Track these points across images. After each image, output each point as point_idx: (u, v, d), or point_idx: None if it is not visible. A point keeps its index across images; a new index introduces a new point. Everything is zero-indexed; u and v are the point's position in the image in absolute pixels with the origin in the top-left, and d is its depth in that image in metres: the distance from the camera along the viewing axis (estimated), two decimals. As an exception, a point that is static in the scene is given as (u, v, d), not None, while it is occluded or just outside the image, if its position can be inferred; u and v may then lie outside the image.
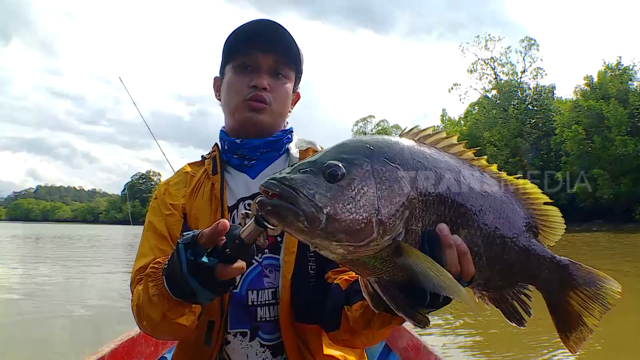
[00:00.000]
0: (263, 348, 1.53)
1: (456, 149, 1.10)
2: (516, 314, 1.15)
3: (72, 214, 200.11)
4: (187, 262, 1.11)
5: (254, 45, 1.58)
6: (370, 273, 1.02)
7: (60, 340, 7.50)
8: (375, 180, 0.94)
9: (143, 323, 1.40)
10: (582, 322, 1.15)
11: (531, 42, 65.39)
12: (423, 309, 1.03)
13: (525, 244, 1.13)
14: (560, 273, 1.16)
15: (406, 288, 1.01)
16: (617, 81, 51.96)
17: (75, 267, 17.20)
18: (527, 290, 1.18)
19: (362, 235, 0.92)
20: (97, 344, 2.59)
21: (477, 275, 1.06)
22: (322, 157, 0.97)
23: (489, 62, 66.89)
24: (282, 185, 0.92)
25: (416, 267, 0.95)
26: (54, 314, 9.04)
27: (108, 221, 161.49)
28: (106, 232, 60.52)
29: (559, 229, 1.17)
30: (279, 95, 1.63)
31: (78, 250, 26.04)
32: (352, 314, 1.34)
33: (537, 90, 63.25)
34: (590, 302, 1.15)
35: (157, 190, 1.72)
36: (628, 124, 48.44)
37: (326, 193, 0.91)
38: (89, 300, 10.41)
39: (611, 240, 24.52)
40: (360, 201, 0.92)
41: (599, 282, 1.15)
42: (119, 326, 7.74)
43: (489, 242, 1.08)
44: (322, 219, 0.90)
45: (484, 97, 66.24)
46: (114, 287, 11.80)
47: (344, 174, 0.93)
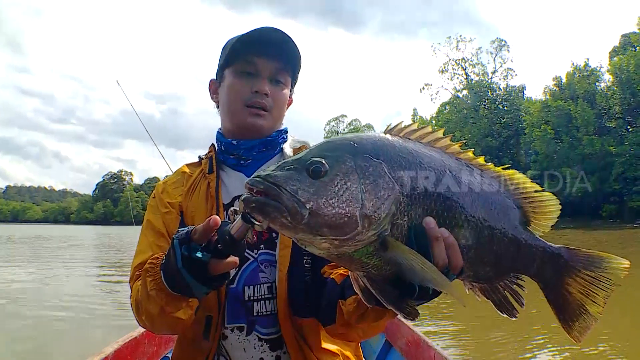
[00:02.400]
0: (261, 342, 1.55)
1: (442, 143, 1.11)
2: (507, 304, 1.14)
3: (43, 215, 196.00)
4: (182, 257, 1.15)
5: (257, 52, 1.61)
6: (358, 268, 1.03)
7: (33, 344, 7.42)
8: (358, 175, 0.96)
9: (142, 317, 1.42)
10: (584, 310, 1.13)
11: (502, 43, 66.61)
12: (412, 301, 1.04)
13: (514, 234, 1.12)
14: (554, 261, 1.15)
15: (395, 281, 1.02)
16: (585, 82, 53.19)
17: (49, 268, 17.02)
18: (520, 280, 1.17)
19: (346, 229, 0.93)
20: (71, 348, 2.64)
21: (466, 267, 1.07)
22: (306, 155, 0.99)
23: (460, 63, 68.04)
24: (266, 182, 0.94)
25: (402, 261, 0.96)
26: (27, 316, 8.97)
27: (79, 221, 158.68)
28: (78, 233, 59.51)
29: (553, 213, 1.16)
30: (278, 101, 1.67)
31: (51, 251, 25.68)
32: (346, 308, 1.36)
33: (508, 91, 64.44)
34: (592, 287, 1.13)
35: (155, 190, 1.76)
36: (595, 124, 49.66)
37: (309, 189, 0.93)
38: (63, 302, 10.31)
39: (579, 237, 25.11)
40: (343, 196, 0.93)
41: (602, 262, 1.13)
42: (93, 331, 7.83)
43: (477, 233, 1.08)
44: (304, 214, 0.91)
45: (455, 97, 67.22)
46: (88, 292, 11.70)
47: (327, 170, 0.95)
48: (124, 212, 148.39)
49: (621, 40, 55.27)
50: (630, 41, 52.90)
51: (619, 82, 49.59)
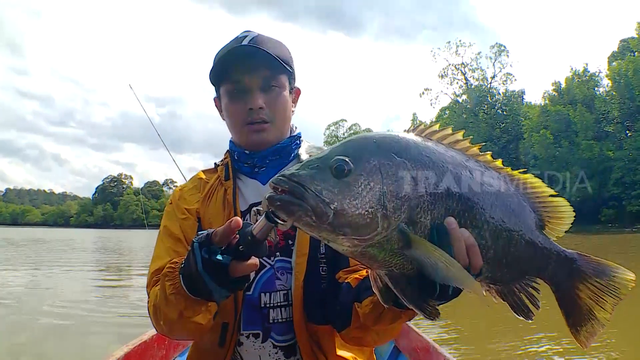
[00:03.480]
0: (276, 349, 1.56)
1: (462, 145, 1.12)
2: (524, 307, 1.14)
3: (42, 218, 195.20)
4: (202, 260, 1.15)
5: (240, 70, 1.59)
6: (380, 266, 1.03)
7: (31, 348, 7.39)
8: (382, 175, 0.97)
9: (160, 323, 1.41)
10: (592, 315, 1.14)
11: (501, 48, 66.81)
12: (433, 301, 1.04)
13: (531, 237, 1.13)
14: (567, 266, 1.16)
15: (416, 280, 1.02)
16: (584, 87, 53.50)
17: (48, 271, 17.01)
18: (535, 283, 1.17)
19: (367, 230, 0.95)
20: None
21: (485, 269, 1.07)
22: (330, 154, 0.99)
23: (459, 68, 68.25)
24: (291, 182, 0.95)
25: (425, 259, 0.96)
26: (25, 320, 8.89)
27: (79, 225, 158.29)
28: (77, 236, 59.25)
29: (567, 219, 1.16)
30: (277, 107, 1.63)
31: (50, 255, 25.61)
32: (362, 310, 1.36)
33: (507, 96, 64.72)
34: (601, 294, 1.13)
35: (172, 196, 1.77)
36: (594, 129, 49.85)
37: (333, 189, 0.94)
38: (62, 307, 10.16)
39: (578, 241, 25.14)
40: (367, 197, 0.94)
41: (610, 272, 1.14)
42: (92, 336, 7.71)
43: (496, 235, 1.08)
44: (329, 214, 0.92)
45: (455, 101, 67.57)
46: (87, 297, 11.62)
47: (350, 169, 0.96)
48: (124, 216, 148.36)
49: (620, 45, 55.48)
50: (629, 46, 53.12)
51: (618, 87, 49.83)
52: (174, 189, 1.86)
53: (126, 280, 15.43)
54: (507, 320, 8.00)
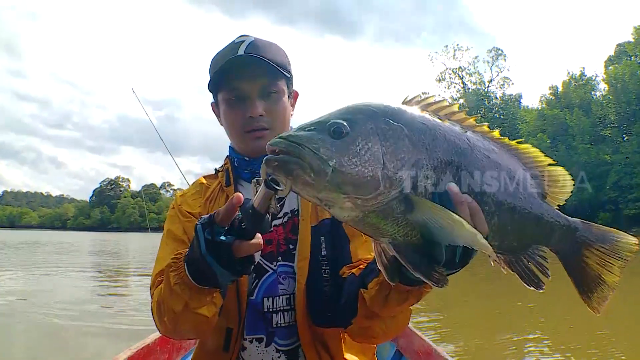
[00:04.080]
0: (279, 354, 1.57)
1: (458, 116, 1.11)
2: (533, 277, 1.14)
3: (40, 220, 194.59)
4: (206, 241, 1.15)
5: (238, 77, 1.59)
6: (384, 234, 1.01)
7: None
8: (379, 137, 0.97)
9: (164, 319, 1.40)
10: (602, 280, 1.15)
11: (498, 52, 67.14)
12: (440, 268, 1.01)
13: (534, 204, 1.13)
14: (572, 233, 1.17)
15: (421, 248, 1.01)
16: (581, 91, 53.68)
17: (46, 274, 17.04)
18: (543, 252, 1.17)
19: (369, 187, 0.94)
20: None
21: (491, 236, 1.06)
22: (327, 117, 1.00)
23: (457, 72, 68.45)
24: (288, 141, 0.95)
25: (430, 220, 0.96)
26: (22, 324, 8.86)
27: (76, 228, 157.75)
28: (75, 239, 59.11)
29: (566, 187, 1.17)
30: (276, 114, 1.64)
31: (48, 257, 25.57)
32: (368, 294, 1.34)
33: (504, 99, 65.02)
34: (608, 258, 1.15)
35: (174, 201, 1.77)
36: (591, 133, 49.99)
37: (331, 147, 0.94)
38: (59, 311, 10.12)
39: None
40: (365, 155, 0.94)
41: (613, 237, 1.16)
42: (90, 341, 7.68)
43: (499, 202, 1.08)
44: (327, 171, 0.92)
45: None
46: (84, 300, 11.56)
47: (348, 131, 0.96)
48: (121, 219, 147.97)
49: (616, 49, 55.66)
50: (625, 50, 53.29)
51: (615, 91, 49.94)
52: (172, 192, 1.92)
53: (123, 284, 15.41)
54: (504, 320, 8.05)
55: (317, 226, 1.60)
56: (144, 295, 11.62)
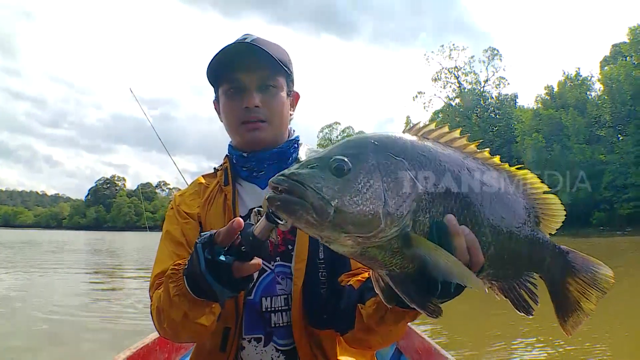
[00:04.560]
0: (278, 353, 1.57)
1: (459, 143, 1.12)
2: (524, 303, 1.16)
3: (35, 220, 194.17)
4: (205, 260, 1.15)
5: (235, 68, 1.60)
6: (381, 266, 1.02)
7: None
8: (380, 173, 0.97)
9: (163, 326, 1.41)
10: (579, 306, 1.19)
11: (494, 52, 67.13)
12: (435, 299, 1.03)
13: (530, 232, 1.15)
14: (561, 260, 1.19)
15: (417, 279, 1.02)
16: (576, 91, 53.89)
17: (41, 274, 16.99)
18: (533, 278, 1.19)
19: (370, 226, 0.94)
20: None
21: (487, 265, 1.07)
22: (329, 153, 1.00)
23: (453, 71, 68.55)
24: (290, 180, 0.95)
25: (426, 257, 0.96)
26: (14, 324, 8.80)
27: (71, 227, 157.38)
28: (70, 238, 59.01)
29: (559, 216, 1.19)
30: (274, 107, 1.64)
31: (43, 257, 25.49)
32: (365, 311, 1.35)
33: (500, 99, 65.04)
34: (588, 287, 1.18)
35: (173, 201, 1.77)
36: (586, 133, 50.16)
37: (333, 186, 0.94)
38: (54, 311, 10.02)
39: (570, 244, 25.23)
40: (367, 193, 0.94)
41: (593, 268, 1.19)
42: (85, 342, 7.57)
43: (496, 231, 1.09)
44: (330, 212, 0.92)
45: (448, 105, 67.77)
46: (80, 301, 11.46)
47: (349, 168, 0.95)
48: (117, 218, 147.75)
49: (612, 50, 55.93)
50: (620, 51, 53.53)
51: (610, 92, 50.14)
52: (168, 191, 1.90)
53: (119, 282, 15.34)
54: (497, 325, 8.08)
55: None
56: (141, 294, 11.66)
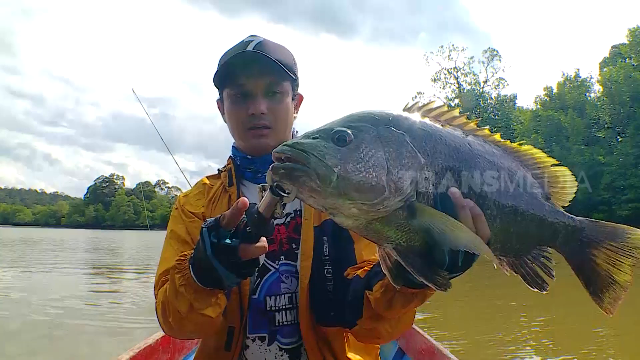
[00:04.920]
0: (281, 352, 1.57)
1: (459, 121, 1.13)
2: (537, 278, 1.13)
3: (34, 218, 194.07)
4: (211, 244, 1.16)
5: (245, 73, 1.61)
6: (387, 240, 1.02)
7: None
8: (382, 144, 0.98)
9: (169, 319, 1.41)
10: (612, 279, 1.13)
11: (493, 53, 67.23)
12: (443, 272, 1.02)
13: (537, 206, 1.13)
14: (579, 233, 1.16)
15: (424, 253, 1.02)
16: (575, 92, 53.77)
17: (40, 272, 17.02)
18: (547, 253, 1.16)
19: (374, 193, 0.95)
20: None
21: (493, 239, 1.06)
22: (331, 125, 1.02)
23: (452, 72, 68.52)
24: (294, 149, 0.96)
25: (432, 225, 0.97)
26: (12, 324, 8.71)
27: (70, 225, 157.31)
28: (69, 236, 58.96)
29: (570, 188, 1.17)
30: (279, 113, 1.65)
31: (42, 255, 25.44)
32: (373, 296, 1.34)
33: (499, 100, 65.04)
34: (618, 256, 1.13)
35: (177, 201, 1.78)
36: (585, 134, 50.14)
37: (336, 155, 0.95)
38: (52, 310, 9.99)
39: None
40: (369, 162, 0.95)
41: (623, 234, 1.14)
42: (82, 343, 7.52)
43: (501, 205, 1.08)
44: (333, 178, 0.93)
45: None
46: (78, 301, 11.38)
47: (351, 139, 0.97)
48: (116, 216, 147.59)
49: (611, 51, 55.77)
50: (620, 52, 53.38)
51: (609, 93, 50.02)
52: (167, 189, 1.92)
53: (118, 283, 15.31)
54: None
55: (320, 227, 1.61)
56: (140, 295, 11.74)
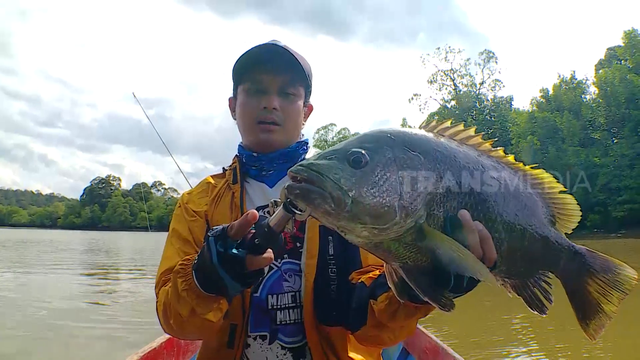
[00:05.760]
0: (284, 351, 1.56)
1: (474, 141, 1.13)
2: (537, 301, 1.16)
3: (30, 219, 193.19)
4: (218, 253, 1.15)
5: (261, 70, 1.64)
6: (395, 258, 1.03)
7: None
8: (397, 166, 0.98)
9: (170, 322, 1.40)
10: (600, 309, 1.16)
11: (490, 55, 67.50)
12: (448, 293, 1.04)
13: (544, 231, 1.15)
14: (578, 260, 1.18)
15: (430, 273, 1.03)
16: (571, 94, 54.05)
17: (35, 274, 16.94)
18: (547, 277, 1.19)
19: (385, 218, 0.95)
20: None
21: (499, 262, 1.07)
22: (346, 146, 1.02)
23: (448, 74, 68.79)
24: (310, 170, 0.96)
25: (439, 250, 0.98)
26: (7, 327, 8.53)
27: (66, 226, 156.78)
28: (65, 237, 58.73)
29: (575, 216, 1.20)
30: (290, 114, 1.68)
31: (37, 256, 25.36)
32: (377, 307, 1.34)
33: (495, 102, 65.34)
34: (608, 288, 1.16)
35: (180, 200, 1.79)
36: (580, 136, 50.37)
37: (351, 177, 0.95)
38: (49, 313, 9.87)
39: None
40: (384, 186, 0.96)
41: (615, 269, 1.17)
42: (79, 346, 7.42)
43: (510, 229, 1.09)
44: (347, 202, 0.93)
45: (444, 107, 67.88)
46: (75, 302, 11.34)
47: (367, 161, 0.97)
48: (112, 217, 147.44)
49: (607, 53, 56.10)
50: (615, 54, 53.74)
51: (604, 95, 50.36)
52: (163, 191, 1.93)
53: (115, 282, 15.33)
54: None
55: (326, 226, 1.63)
56: (140, 294, 11.78)
